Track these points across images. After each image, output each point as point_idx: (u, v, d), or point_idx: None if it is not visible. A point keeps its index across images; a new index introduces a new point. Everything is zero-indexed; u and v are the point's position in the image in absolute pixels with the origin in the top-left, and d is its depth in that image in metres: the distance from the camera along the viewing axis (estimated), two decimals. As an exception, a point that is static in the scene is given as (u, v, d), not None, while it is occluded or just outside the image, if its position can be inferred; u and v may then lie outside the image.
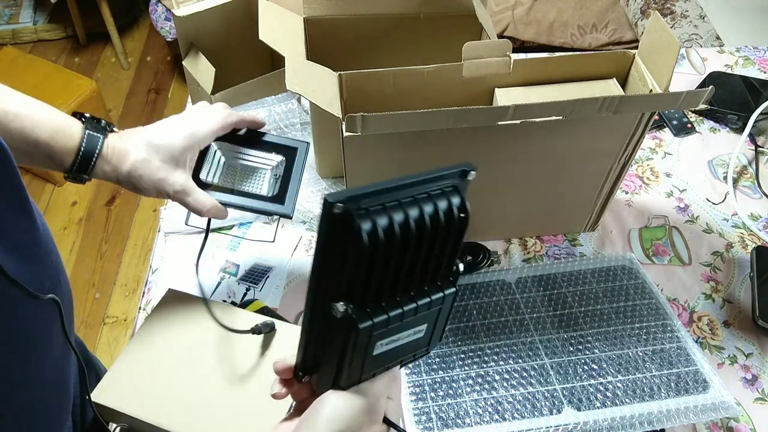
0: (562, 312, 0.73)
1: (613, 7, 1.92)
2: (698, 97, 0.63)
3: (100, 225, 1.99)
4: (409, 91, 0.71)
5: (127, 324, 1.73)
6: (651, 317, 0.72)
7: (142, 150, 0.57)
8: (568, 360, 0.68)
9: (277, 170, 0.66)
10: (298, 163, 0.66)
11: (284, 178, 0.65)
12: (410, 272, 0.40)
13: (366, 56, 0.87)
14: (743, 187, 0.93)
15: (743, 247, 0.85)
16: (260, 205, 0.64)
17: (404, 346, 0.43)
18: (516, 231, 0.85)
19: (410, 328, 0.42)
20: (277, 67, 0.96)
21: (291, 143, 0.66)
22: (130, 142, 0.57)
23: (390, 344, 0.42)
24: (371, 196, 0.37)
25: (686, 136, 1.00)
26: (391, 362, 0.43)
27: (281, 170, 0.66)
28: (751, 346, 0.74)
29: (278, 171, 0.66)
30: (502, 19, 1.91)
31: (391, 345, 0.42)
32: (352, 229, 0.35)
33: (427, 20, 0.85)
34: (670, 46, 0.66)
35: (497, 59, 0.71)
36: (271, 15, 0.76)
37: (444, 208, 0.41)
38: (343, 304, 0.38)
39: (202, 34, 0.90)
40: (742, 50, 1.17)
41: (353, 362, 0.40)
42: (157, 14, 2.23)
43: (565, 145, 0.71)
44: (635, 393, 0.65)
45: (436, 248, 0.40)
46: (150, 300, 0.78)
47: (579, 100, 0.62)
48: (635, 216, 0.89)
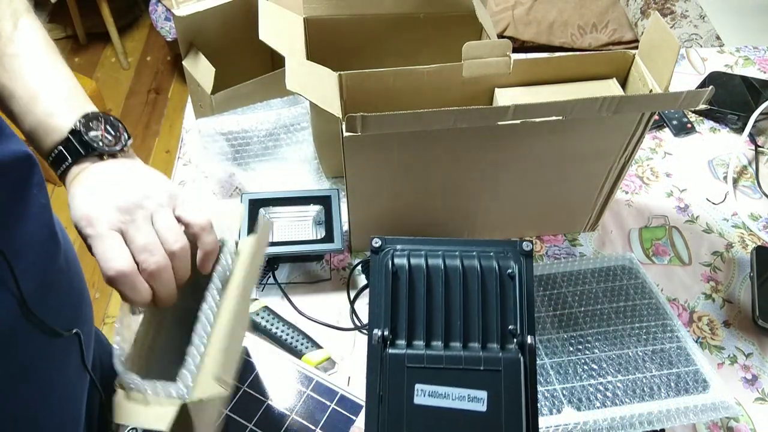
0: (562, 312, 0.73)
1: (613, 7, 1.92)
2: (698, 97, 0.63)
3: (100, 225, 1.99)
4: (409, 91, 0.71)
5: (127, 324, 1.73)
6: (651, 317, 0.72)
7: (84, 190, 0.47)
8: (568, 360, 0.68)
9: (319, 217, 0.79)
10: (335, 207, 0.79)
11: (327, 222, 0.77)
12: (464, 324, 0.43)
13: (366, 56, 0.87)
14: (743, 187, 0.93)
15: (743, 247, 0.85)
16: (315, 247, 0.75)
17: (458, 414, 0.40)
18: (516, 231, 0.85)
19: (459, 386, 0.41)
20: (277, 67, 0.95)
21: (323, 193, 0.80)
22: (80, 180, 0.47)
23: (435, 398, 0.40)
24: (416, 243, 0.46)
25: (686, 136, 1.00)
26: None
27: (322, 216, 0.78)
28: (751, 346, 0.74)
29: (320, 217, 0.79)
30: (502, 19, 1.91)
31: (437, 401, 0.40)
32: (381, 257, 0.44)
33: (427, 20, 0.85)
34: (670, 46, 0.66)
35: (497, 59, 0.71)
36: (271, 15, 0.76)
37: (489, 266, 0.45)
38: (380, 330, 0.42)
39: (202, 34, 0.90)
40: (742, 50, 1.17)
41: (391, 401, 0.40)
42: (157, 14, 2.23)
43: (566, 145, 0.71)
44: (635, 393, 0.65)
45: (480, 301, 0.44)
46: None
47: (579, 100, 0.62)
48: (635, 216, 0.89)
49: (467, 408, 0.40)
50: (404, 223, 0.77)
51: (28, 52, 0.48)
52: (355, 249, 0.81)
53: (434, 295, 0.44)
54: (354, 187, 0.72)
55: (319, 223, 0.79)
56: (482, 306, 0.44)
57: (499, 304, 0.44)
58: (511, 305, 0.44)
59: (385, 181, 0.71)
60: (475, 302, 0.44)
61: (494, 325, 0.43)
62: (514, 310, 0.44)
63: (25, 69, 0.47)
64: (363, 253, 0.80)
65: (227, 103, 0.91)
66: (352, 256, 0.81)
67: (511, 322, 0.43)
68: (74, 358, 0.49)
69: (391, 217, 0.76)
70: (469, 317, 0.43)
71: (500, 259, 0.45)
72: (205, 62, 0.87)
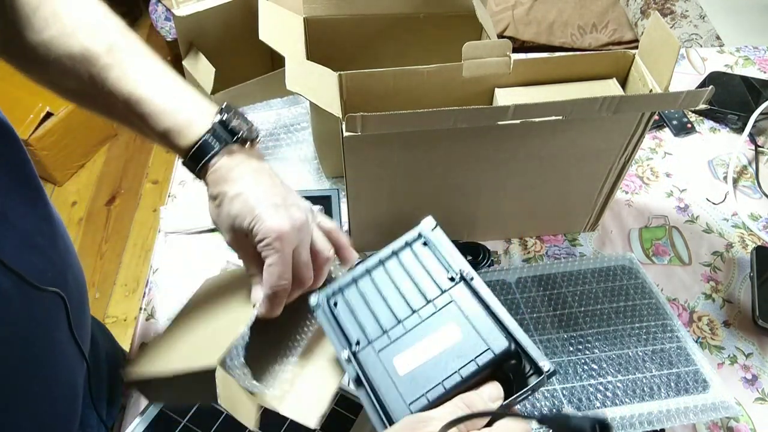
0: (562, 312, 0.73)
1: (613, 7, 1.92)
2: (698, 97, 0.63)
3: (100, 225, 1.99)
4: (409, 91, 0.71)
5: (127, 324, 1.73)
6: (651, 317, 0.72)
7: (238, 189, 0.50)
8: (568, 360, 0.68)
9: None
10: (335, 207, 0.79)
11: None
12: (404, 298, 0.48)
13: (366, 56, 0.87)
14: (743, 187, 0.93)
15: (743, 247, 0.85)
16: None
17: (442, 356, 0.42)
18: (516, 231, 0.85)
19: (428, 335, 0.44)
20: (277, 67, 0.96)
21: (323, 193, 0.81)
22: (236, 173, 0.50)
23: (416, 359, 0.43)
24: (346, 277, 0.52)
25: (686, 136, 1.00)
26: (447, 378, 0.41)
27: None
28: (751, 346, 0.74)
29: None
30: (502, 19, 1.91)
31: (419, 359, 0.43)
32: (321, 312, 0.52)
33: (427, 20, 0.85)
34: (670, 46, 0.66)
35: (497, 59, 0.71)
36: (271, 15, 0.76)
37: (403, 249, 0.52)
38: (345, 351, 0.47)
39: (202, 34, 0.90)
40: (742, 50, 1.17)
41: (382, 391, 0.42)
42: (157, 14, 2.23)
43: (565, 145, 0.71)
44: (635, 393, 0.65)
45: (408, 274, 0.50)
46: (151, 301, 0.78)
47: (579, 100, 0.62)
48: (635, 216, 0.89)
49: (447, 346, 0.43)
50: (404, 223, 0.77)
51: (141, 53, 0.50)
52: (355, 249, 0.81)
53: (369, 296, 0.49)
54: (354, 187, 0.72)
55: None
56: (412, 277, 0.48)
57: (425, 268, 0.49)
58: (436, 264, 0.49)
59: (385, 181, 0.71)
60: (403, 278, 0.49)
61: (431, 283, 0.48)
62: (443, 264, 0.48)
63: (145, 70, 0.49)
64: (363, 253, 0.80)
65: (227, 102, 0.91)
66: (352, 256, 0.81)
67: (445, 272, 0.48)
68: (61, 323, 0.49)
69: (391, 217, 0.76)
70: (405, 292, 0.48)
71: (412, 242, 0.51)
72: (205, 62, 0.87)
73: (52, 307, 0.48)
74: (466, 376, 0.40)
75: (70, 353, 0.51)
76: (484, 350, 0.41)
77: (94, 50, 0.48)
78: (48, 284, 0.46)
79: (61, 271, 0.49)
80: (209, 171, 0.49)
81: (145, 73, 0.49)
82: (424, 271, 0.48)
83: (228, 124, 0.49)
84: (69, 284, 0.50)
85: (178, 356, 0.53)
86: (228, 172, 0.49)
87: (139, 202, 2.05)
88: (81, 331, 0.52)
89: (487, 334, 0.42)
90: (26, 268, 0.43)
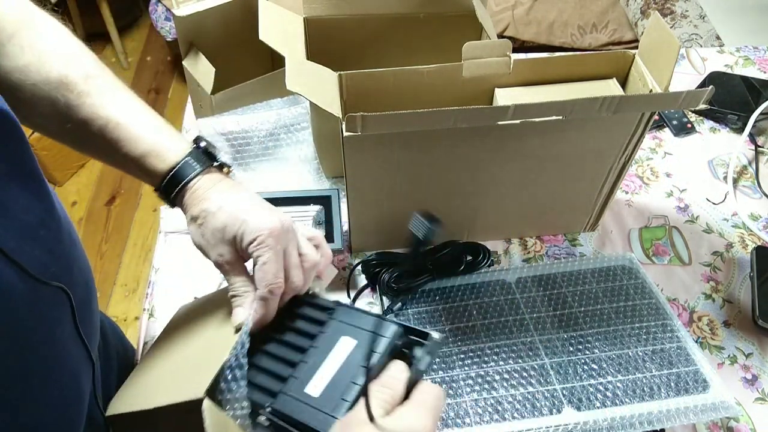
0: (562, 312, 0.73)
1: (613, 7, 1.92)
2: (698, 97, 0.63)
3: (100, 225, 1.99)
4: (409, 91, 0.71)
5: (127, 324, 1.73)
6: (651, 317, 0.72)
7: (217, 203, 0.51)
8: (568, 360, 0.68)
9: (319, 217, 0.79)
10: (335, 207, 0.80)
11: (327, 222, 0.78)
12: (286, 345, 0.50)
13: (366, 56, 0.87)
14: (743, 187, 0.93)
15: (743, 247, 0.85)
16: None
17: (347, 365, 0.45)
18: (516, 231, 0.85)
19: (327, 353, 0.46)
20: (277, 67, 0.96)
21: (323, 193, 0.81)
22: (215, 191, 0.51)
23: (324, 379, 0.45)
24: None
25: (686, 136, 1.00)
26: (356, 376, 0.44)
27: (322, 216, 0.79)
28: (751, 346, 0.75)
29: (320, 217, 0.79)
30: (502, 19, 1.91)
31: (326, 378, 0.45)
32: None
33: (427, 20, 0.85)
34: (670, 46, 0.66)
35: (497, 59, 0.71)
36: (271, 15, 0.76)
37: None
38: (262, 415, 0.46)
39: (202, 34, 0.90)
40: (742, 50, 1.17)
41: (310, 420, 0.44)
42: (157, 14, 2.23)
43: (565, 145, 0.71)
44: (635, 393, 0.65)
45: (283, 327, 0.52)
46: (153, 303, 0.78)
47: (579, 100, 0.62)
48: (635, 216, 0.89)
49: (347, 353, 0.46)
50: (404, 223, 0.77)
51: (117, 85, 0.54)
52: (355, 249, 0.81)
53: (261, 361, 0.50)
54: (354, 187, 0.72)
55: (319, 223, 0.79)
56: (291, 328, 0.51)
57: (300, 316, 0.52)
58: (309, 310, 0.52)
59: (385, 181, 0.71)
60: (285, 331, 0.51)
61: (310, 323, 0.50)
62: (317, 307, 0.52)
63: (122, 99, 0.52)
64: (363, 253, 0.80)
65: (227, 103, 0.91)
66: (352, 256, 0.81)
67: (319, 312, 0.51)
68: (66, 319, 0.48)
69: (391, 217, 0.76)
70: (284, 340, 0.50)
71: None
72: (205, 62, 0.87)
73: (55, 303, 0.47)
74: (371, 365, 0.43)
75: (74, 352, 0.50)
76: (379, 339, 0.44)
77: (71, 77, 0.50)
78: (51, 278, 0.45)
79: (65, 266, 0.48)
80: (188, 192, 0.51)
81: (122, 100, 0.52)
82: (301, 320, 0.52)
83: (206, 149, 0.52)
84: (74, 280, 0.49)
85: (161, 388, 0.53)
86: (206, 192, 0.50)
87: (139, 202, 2.05)
88: (87, 329, 0.51)
89: (376, 328, 0.45)
90: (28, 260, 0.42)
